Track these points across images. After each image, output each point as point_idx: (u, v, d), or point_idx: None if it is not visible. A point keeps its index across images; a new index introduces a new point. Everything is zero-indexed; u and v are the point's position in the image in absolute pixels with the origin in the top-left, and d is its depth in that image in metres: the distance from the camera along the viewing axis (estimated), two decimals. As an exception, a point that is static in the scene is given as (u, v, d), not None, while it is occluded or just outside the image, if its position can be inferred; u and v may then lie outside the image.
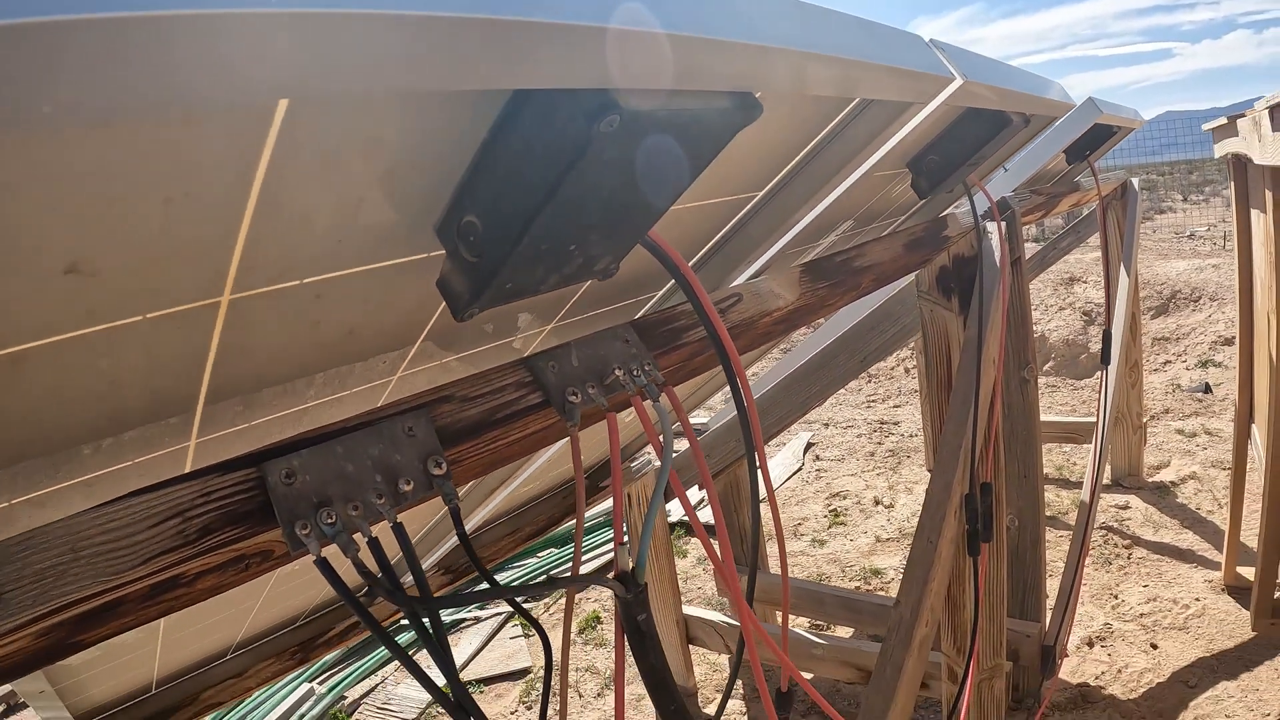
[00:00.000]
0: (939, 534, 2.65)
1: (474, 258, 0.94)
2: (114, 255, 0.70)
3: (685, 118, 0.87)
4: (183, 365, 0.94)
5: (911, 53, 1.41)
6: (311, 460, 0.95)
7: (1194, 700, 4.59)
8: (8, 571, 0.78)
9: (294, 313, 0.95)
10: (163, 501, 0.87)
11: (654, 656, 1.30)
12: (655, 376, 1.35)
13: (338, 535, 0.92)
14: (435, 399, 1.12)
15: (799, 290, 1.93)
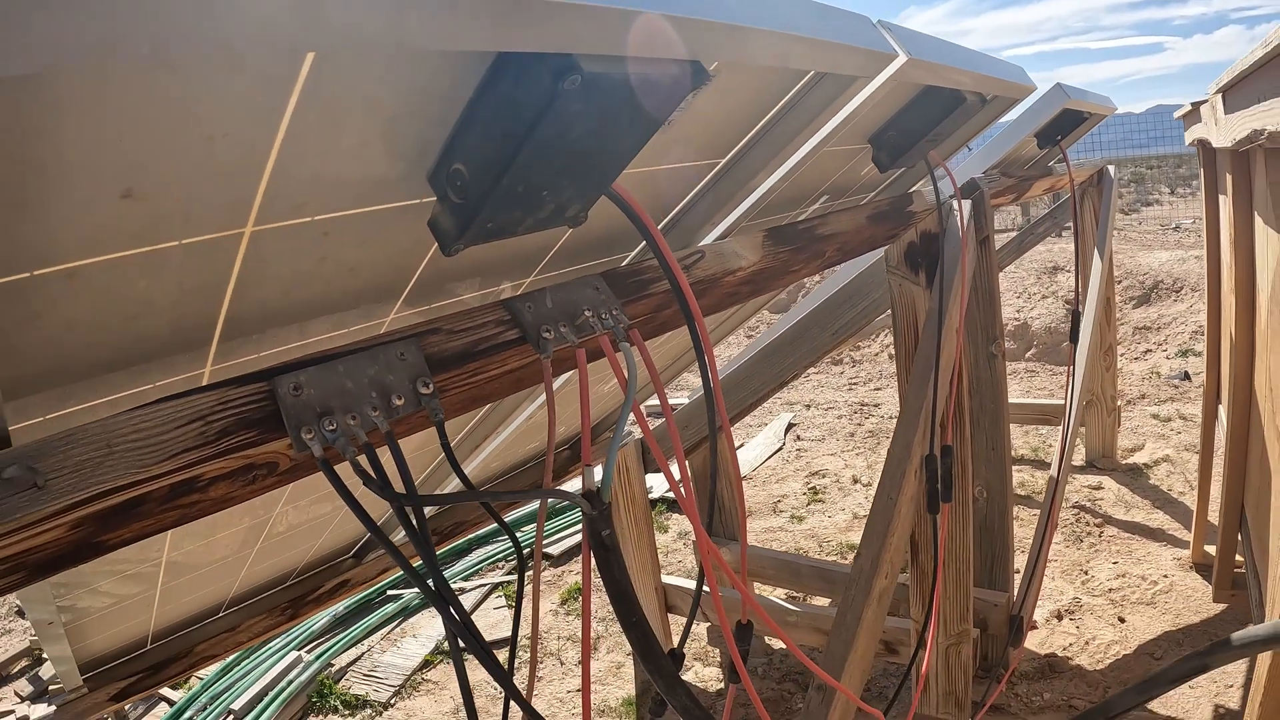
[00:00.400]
0: (899, 491, 2.79)
1: (460, 200, 1.08)
2: (162, 184, 0.84)
3: (639, 81, 1.02)
4: (207, 292, 1.08)
5: (859, 31, 1.55)
6: (316, 376, 1.09)
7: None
8: (50, 462, 0.92)
9: (304, 247, 1.09)
10: (187, 407, 1.01)
11: (617, 570, 1.43)
12: (622, 320, 1.49)
13: (337, 440, 1.06)
14: (425, 330, 1.26)
15: (761, 253, 2.06)
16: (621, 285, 1.60)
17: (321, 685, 5.37)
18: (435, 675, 5.48)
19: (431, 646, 5.70)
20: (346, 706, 5.21)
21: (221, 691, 5.26)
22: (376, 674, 5.46)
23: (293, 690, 5.19)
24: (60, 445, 0.92)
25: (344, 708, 5.20)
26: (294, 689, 5.20)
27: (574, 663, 5.42)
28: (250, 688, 5.20)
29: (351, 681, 5.46)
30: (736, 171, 1.83)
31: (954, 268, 3.09)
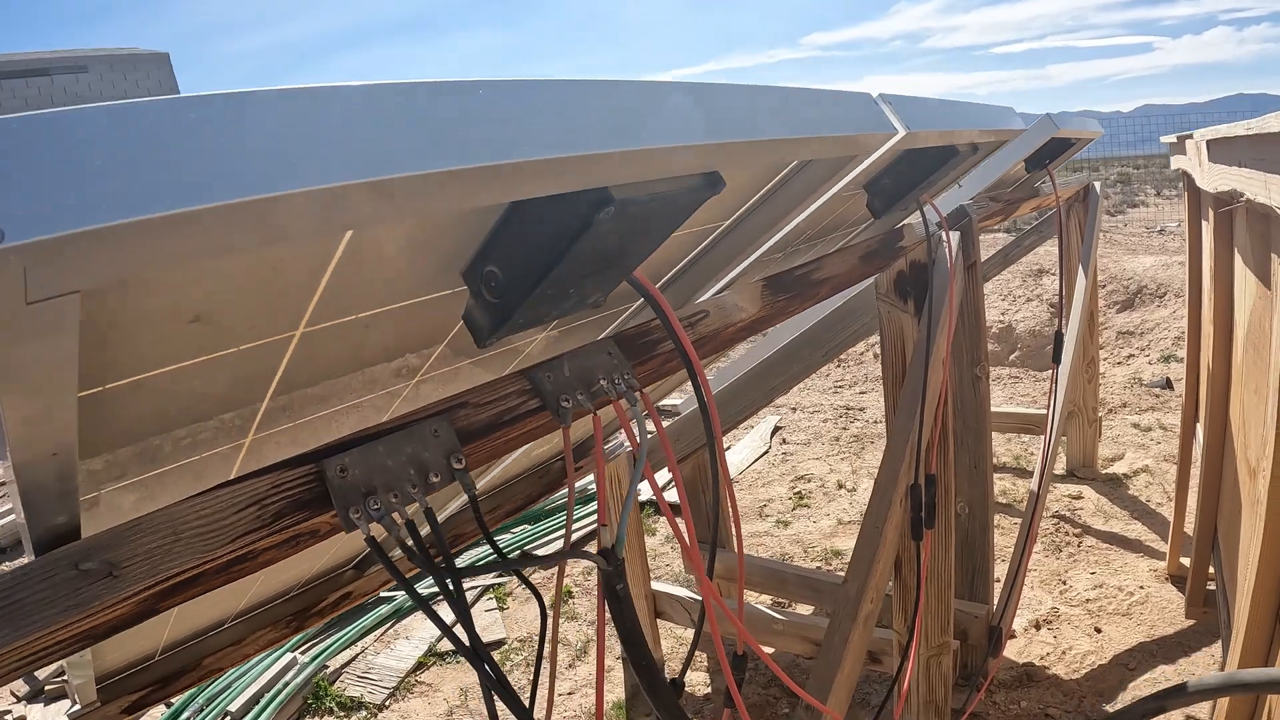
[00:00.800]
0: (884, 520, 2.89)
1: (495, 299, 1.18)
2: (227, 308, 0.94)
3: (663, 198, 1.12)
4: (256, 380, 1.17)
5: (861, 114, 1.65)
6: (360, 457, 1.19)
7: (1133, 682, 4.85)
8: (123, 552, 1.02)
9: (347, 338, 1.20)
10: (244, 492, 1.12)
11: (629, 619, 1.55)
12: (634, 384, 1.59)
13: (383, 518, 1.16)
14: (454, 405, 1.36)
15: (760, 303, 2.17)
16: (632, 347, 1.70)
17: (317, 687, 5.43)
18: (429, 677, 5.55)
19: (425, 649, 5.77)
20: (342, 708, 5.27)
21: (218, 693, 5.31)
22: (371, 676, 5.52)
23: (289, 692, 5.25)
24: (130, 535, 1.02)
25: (339, 709, 5.26)
26: (290, 690, 5.26)
27: (564, 665, 5.51)
28: (247, 689, 5.26)
29: (346, 683, 5.52)
30: (737, 234, 1.93)
31: (942, 300, 3.18)
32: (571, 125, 0.90)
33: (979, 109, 2.63)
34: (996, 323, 12.56)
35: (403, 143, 0.73)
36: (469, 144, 0.78)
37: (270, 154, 0.63)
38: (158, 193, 0.57)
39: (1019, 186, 5.46)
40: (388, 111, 0.74)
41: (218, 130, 0.62)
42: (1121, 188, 28.04)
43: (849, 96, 1.66)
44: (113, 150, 0.57)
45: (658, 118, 1.04)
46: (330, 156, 0.67)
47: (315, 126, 0.68)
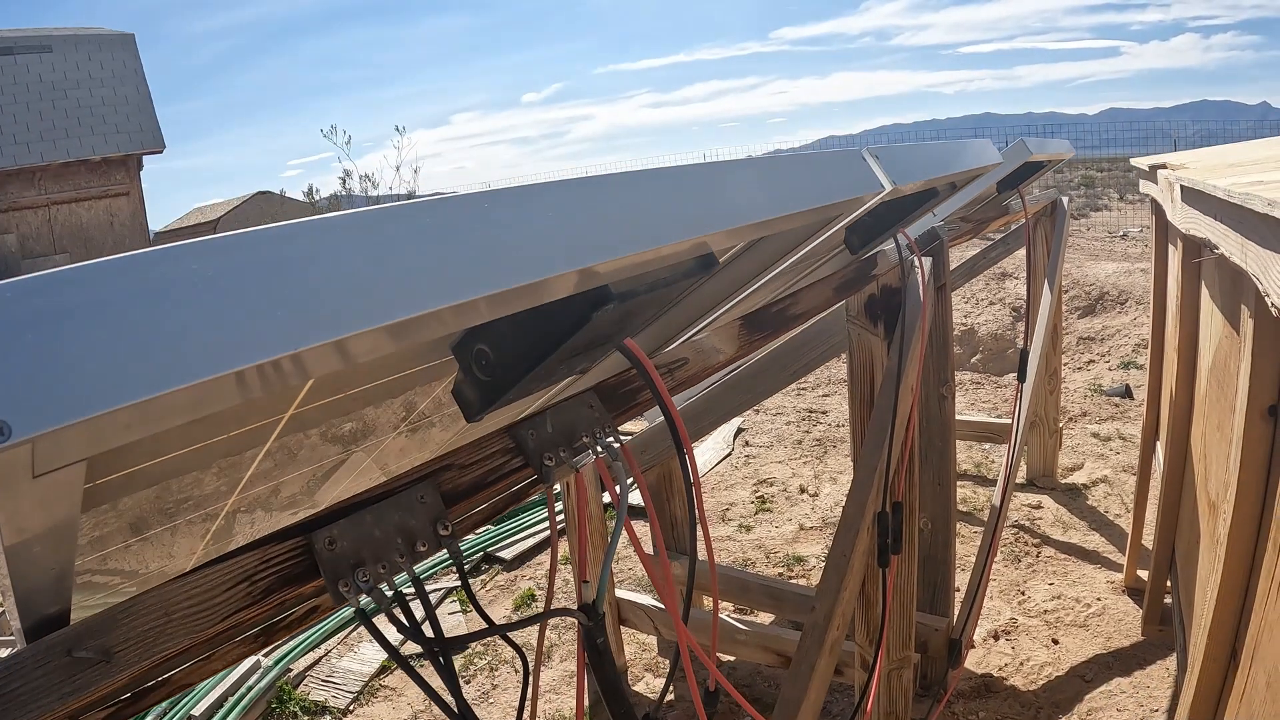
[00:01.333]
0: (852, 548, 2.92)
1: (485, 377, 1.19)
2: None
3: (661, 284, 1.14)
4: (245, 457, 1.18)
5: (850, 175, 1.67)
6: (347, 529, 1.20)
7: (1089, 694, 4.91)
8: (116, 635, 1.03)
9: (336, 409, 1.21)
10: (234, 569, 1.13)
11: (609, 670, 1.56)
12: (615, 438, 1.61)
13: (372, 590, 1.17)
14: (440, 467, 1.37)
15: (738, 343, 2.19)
16: (613, 398, 1.71)
17: (281, 690, 5.40)
18: (393, 681, 5.54)
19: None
20: (306, 713, 5.26)
21: (181, 697, 5.28)
22: (335, 680, 5.51)
23: (254, 696, 5.22)
24: (123, 618, 1.03)
25: (303, 714, 5.24)
26: (254, 695, 5.23)
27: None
28: (210, 693, 5.23)
29: (310, 687, 5.51)
30: (720, 279, 1.95)
31: (914, 326, 3.20)
32: (572, 236, 0.91)
33: (961, 149, 2.65)
34: (959, 325, 12.63)
35: (378, 296, 0.73)
36: (461, 280, 0.79)
37: (232, 326, 0.65)
38: (146, 378, 0.58)
39: (988, 205, 5.51)
40: (363, 265, 0.75)
41: (194, 310, 0.63)
42: (1085, 191, 28.19)
43: (840, 159, 1.68)
44: (106, 341, 0.58)
45: (658, 214, 1.05)
46: (291, 323, 0.68)
47: (276, 294, 0.68)
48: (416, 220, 0.77)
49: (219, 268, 0.66)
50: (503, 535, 7.31)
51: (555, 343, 1.09)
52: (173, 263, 0.63)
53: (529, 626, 1.50)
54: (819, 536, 7.05)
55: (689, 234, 1.07)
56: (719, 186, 1.21)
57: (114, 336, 0.59)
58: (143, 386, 0.58)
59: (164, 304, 0.62)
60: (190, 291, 0.63)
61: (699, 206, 1.14)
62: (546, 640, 5.85)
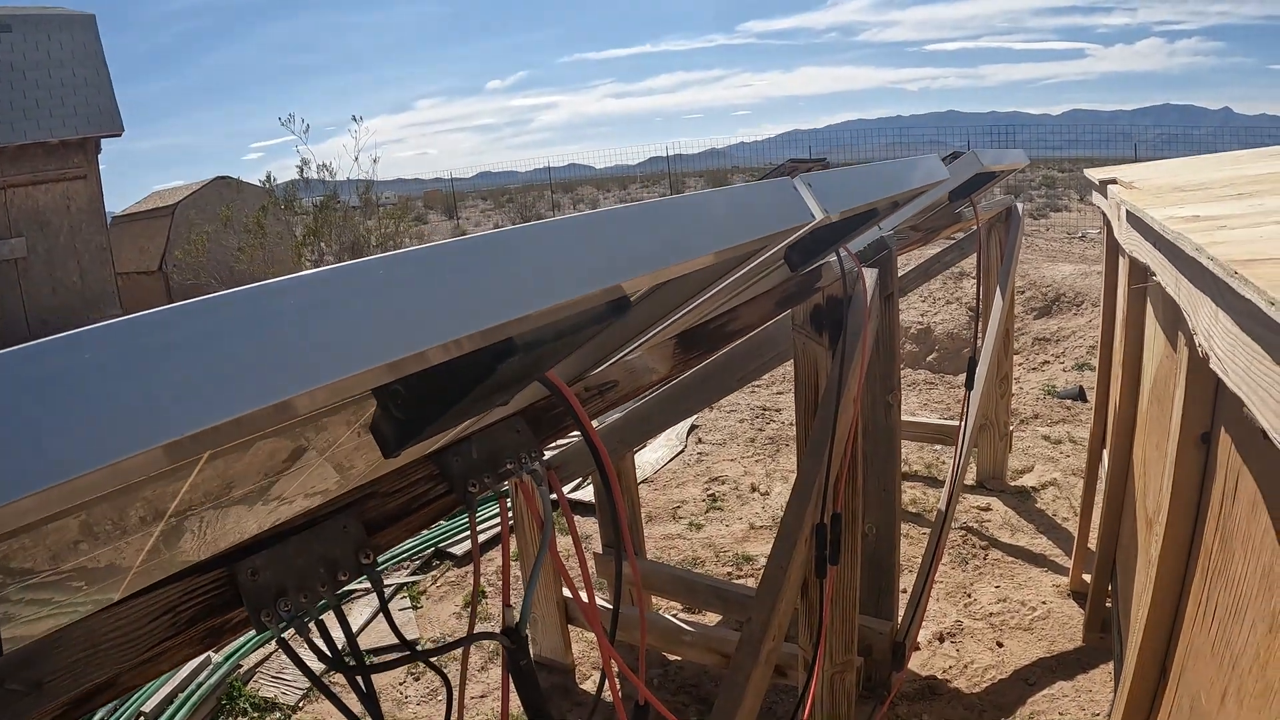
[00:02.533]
0: (789, 560, 2.97)
1: (401, 415, 1.22)
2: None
3: (567, 331, 1.17)
4: (163, 494, 1.20)
5: (777, 204, 1.70)
6: (270, 559, 1.24)
7: (1032, 697, 4.97)
8: (44, 668, 1.06)
9: (255, 445, 1.22)
10: (158, 601, 1.16)
11: (531, 690, 1.60)
12: (540, 462, 1.64)
13: (294, 620, 1.21)
14: (363, 496, 1.40)
15: (672, 362, 2.22)
16: (540, 422, 1.75)
17: (231, 687, 5.40)
18: (343, 679, 5.51)
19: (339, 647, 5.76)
20: (256, 709, 5.25)
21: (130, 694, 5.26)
22: (284, 676, 5.50)
23: (203, 693, 5.20)
24: (51, 650, 1.06)
25: (253, 710, 5.24)
26: (204, 691, 5.22)
27: (475, 668, 5.53)
28: (160, 689, 5.21)
29: (260, 683, 5.50)
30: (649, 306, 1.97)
31: (856, 338, 3.24)
32: (475, 295, 0.93)
33: (903, 170, 2.67)
34: (915, 324, 12.70)
35: (272, 375, 0.74)
36: (355, 349, 0.81)
37: (125, 410, 0.65)
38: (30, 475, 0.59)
39: (940, 213, 5.55)
40: (249, 348, 0.75)
41: (85, 398, 0.64)
42: (1045, 191, 28.37)
43: (769, 190, 1.70)
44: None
45: (565, 266, 1.07)
46: (179, 411, 0.68)
47: (169, 380, 0.68)
48: (306, 293, 0.79)
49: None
50: (454, 530, 7.29)
51: (465, 391, 1.12)
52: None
53: (453, 650, 1.54)
54: (769, 535, 7.06)
55: (599, 284, 1.09)
56: (632, 232, 1.23)
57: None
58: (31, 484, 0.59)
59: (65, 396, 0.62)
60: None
61: (610, 254, 1.15)
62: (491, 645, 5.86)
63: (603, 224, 1.17)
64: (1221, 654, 1.99)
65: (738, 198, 1.60)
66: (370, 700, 1.30)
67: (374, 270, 0.85)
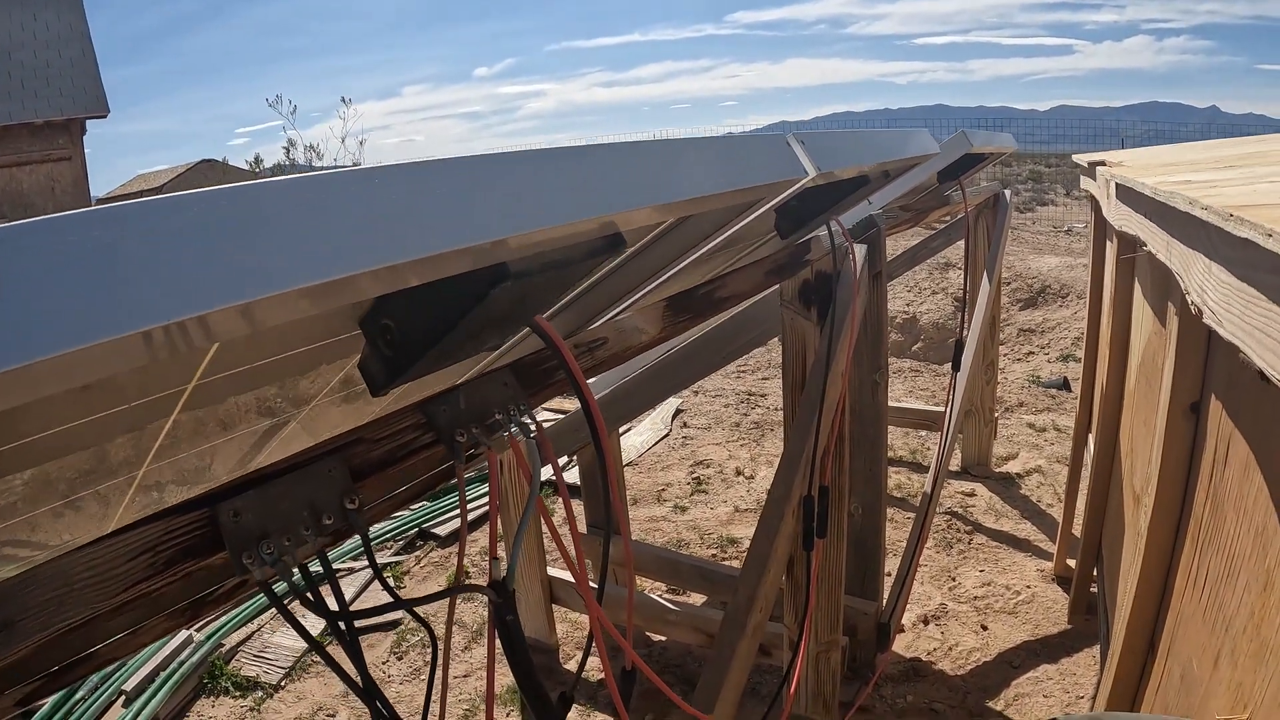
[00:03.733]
0: (776, 532, 2.94)
1: (390, 352, 1.19)
2: (121, 374, 0.94)
3: (562, 263, 1.14)
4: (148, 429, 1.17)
5: (771, 159, 1.67)
6: (253, 501, 1.20)
7: (1016, 679, 4.99)
8: (14, 607, 1.02)
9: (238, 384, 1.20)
10: (136, 540, 1.12)
11: (518, 648, 1.57)
12: (529, 415, 1.61)
13: (276, 563, 1.18)
14: (349, 442, 1.37)
15: (662, 324, 2.20)
16: (529, 376, 1.72)
17: (213, 665, 5.37)
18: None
19: (321, 627, 5.72)
20: (238, 688, 5.23)
21: (112, 672, 5.21)
22: (267, 655, 5.48)
23: (185, 671, 5.17)
24: (22, 589, 1.03)
25: (235, 689, 5.22)
26: (186, 669, 5.19)
27: (459, 648, 5.51)
28: (141, 668, 5.18)
29: (242, 662, 5.47)
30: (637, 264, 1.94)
31: (845, 312, 3.22)
32: (467, 210, 0.90)
33: (894, 138, 2.66)
34: (901, 314, 12.72)
35: (278, 259, 0.72)
36: (349, 250, 0.77)
37: (139, 281, 0.63)
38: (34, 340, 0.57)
39: (929, 195, 5.54)
40: (263, 219, 0.73)
41: (89, 264, 0.61)
42: (1033, 185, 28.35)
43: (762, 142, 1.68)
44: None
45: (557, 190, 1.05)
46: (192, 281, 0.66)
47: (176, 249, 0.66)
48: (299, 193, 0.76)
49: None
50: (438, 511, 7.26)
51: (455, 320, 1.09)
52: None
53: (440, 600, 1.51)
54: (753, 518, 7.04)
55: (591, 213, 1.07)
56: (628, 166, 1.21)
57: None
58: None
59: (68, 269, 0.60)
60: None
61: (606, 186, 1.13)
62: (478, 618, 5.85)
63: (597, 156, 1.15)
64: (1214, 618, 1.99)
65: (732, 146, 1.57)
66: (353, 647, 1.27)
67: (369, 179, 0.82)
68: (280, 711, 5.07)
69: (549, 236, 1.02)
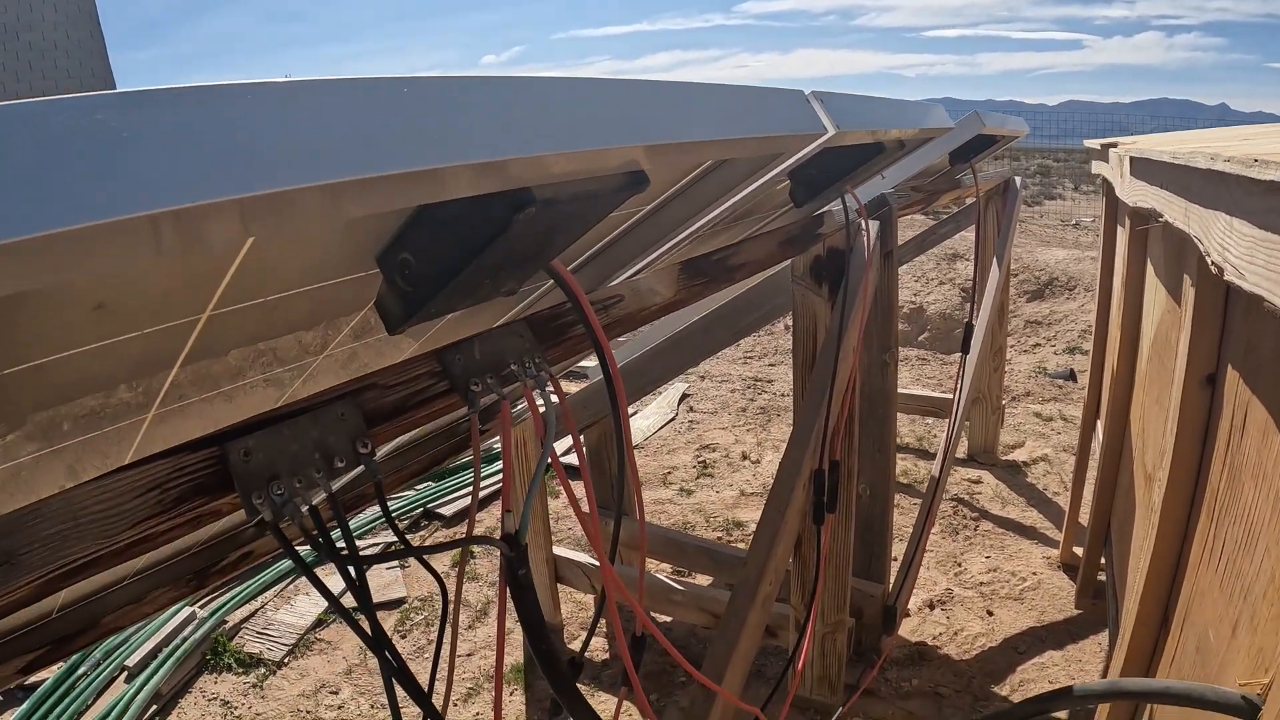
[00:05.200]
0: (787, 504, 2.93)
1: (408, 288, 1.16)
2: (133, 295, 0.91)
3: (586, 197, 1.11)
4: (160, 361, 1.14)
5: (791, 113, 1.65)
6: (264, 441, 1.18)
7: (1021, 665, 4.97)
8: (20, 539, 0.99)
9: (254, 319, 1.17)
10: (144, 476, 1.09)
11: (530, 605, 1.55)
12: (544, 368, 1.59)
13: (286, 504, 1.15)
14: (362, 386, 1.35)
15: (676, 287, 2.17)
16: (544, 330, 1.69)
17: (216, 642, 5.36)
18: (328, 634, 5.51)
19: (325, 605, 5.72)
20: (240, 665, 5.23)
21: (115, 647, 5.21)
22: (270, 632, 5.47)
23: (188, 647, 5.16)
24: (28, 521, 1.00)
25: (238, 666, 5.22)
26: (189, 646, 5.18)
27: (464, 626, 5.51)
28: (144, 643, 5.17)
29: (245, 639, 5.46)
30: (655, 221, 1.92)
31: (858, 288, 3.20)
32: (493, 126, 0.88)
33: (910, 107, 2.64)
34: (908, 304, 12.70)
35: (311, 147, 0.70)
36: (386, 148, 0.76)
37: (177, 166, 0.60)
38: (53, 208, 0.54)
39: (940, 177, 5.52)
40: (297, 111, 0.71)
41: (111, 141, 0.59)
42: (1040, 179, 28.39)
43: (781, 94, 1.65)
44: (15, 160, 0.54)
45: (584, 117, 1.02)
46: (233, 166, 0.64)
47: (222, 133, 0.64)
48: (339, 94, 0.75)
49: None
50: (444, 491, 7.26)
51: (477, 250, 1.07)
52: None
53: (449, 550, 1.48)
54: (759, 502, 7.05)
55: (618, 142, 1.05)
56: (653, 103, 1.19)
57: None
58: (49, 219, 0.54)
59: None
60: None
61: (631, 119, 1.11)
62: (482, 597, 5.84)
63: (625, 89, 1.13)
64: (1232, 587, 1.97)
65: (752, 95, 1.54)
66: (361, 590, 1.24)
67: (400, 88, 0.80)
68: (283, 688, 5.06)
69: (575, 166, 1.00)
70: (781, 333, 12.05)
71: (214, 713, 4.88)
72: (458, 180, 0.85)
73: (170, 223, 0.60)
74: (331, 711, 4.85)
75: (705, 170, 1.79)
